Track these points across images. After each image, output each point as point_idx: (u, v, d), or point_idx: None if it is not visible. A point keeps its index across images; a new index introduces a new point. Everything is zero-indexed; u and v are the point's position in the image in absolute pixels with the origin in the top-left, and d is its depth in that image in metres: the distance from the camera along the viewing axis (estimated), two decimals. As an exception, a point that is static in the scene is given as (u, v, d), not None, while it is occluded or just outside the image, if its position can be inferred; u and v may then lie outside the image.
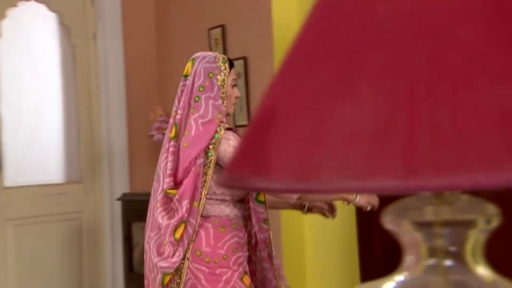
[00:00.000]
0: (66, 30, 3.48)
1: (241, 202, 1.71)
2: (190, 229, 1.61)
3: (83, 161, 3.50)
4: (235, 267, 1.64)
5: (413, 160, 0.34)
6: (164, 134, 3.17)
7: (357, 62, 0.38)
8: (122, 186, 3.48)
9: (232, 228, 1.66)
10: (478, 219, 0.45)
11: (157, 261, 1.63)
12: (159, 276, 1.64)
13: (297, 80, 0.40)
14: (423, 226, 0.45)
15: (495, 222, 0.45)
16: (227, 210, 1.66)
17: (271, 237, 1.70)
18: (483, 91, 0.35)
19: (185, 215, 1.59)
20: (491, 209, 0.45)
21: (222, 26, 3.09)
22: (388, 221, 0.46)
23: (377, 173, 0.34)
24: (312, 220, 2.34)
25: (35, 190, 3.31)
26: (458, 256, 0.45)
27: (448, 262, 0.45)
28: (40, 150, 3.44)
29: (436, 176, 0.34)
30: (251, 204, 1.68)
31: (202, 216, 1.62)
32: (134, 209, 3.16)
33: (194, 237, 1.62)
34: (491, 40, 0.37)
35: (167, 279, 1.64)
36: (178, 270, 1.62)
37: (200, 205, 1.61)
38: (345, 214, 2.26)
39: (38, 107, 3.48)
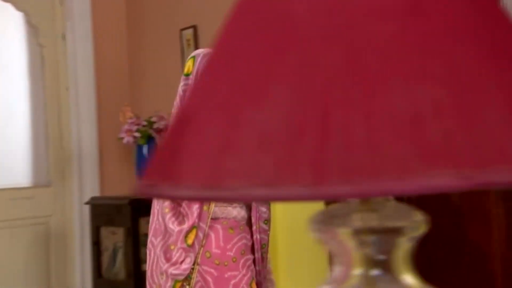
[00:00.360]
0: (34, 30, 3.41)
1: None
2: (200, 234, 1.59)
3: (51, 164, 3.44)
4: (244, 271, 1.61)
5: (323, 167, 0.33)
6: (134, 137, 3.14)
7: (272, 64, 0.37)
8: (92, 190, 3.43)
9: (240, 230, 1.63)
10: (406, 226, 0.44)
11: (167, 267, 1.60)
12: (169, 283, 1.61)
13: (214, 82, 0.38)
14: (350, 234, 0.44)
15: (422, 230, 0.44)
16: (235, 212, 1.63)
17: (269, 239, 1.67)
18: (397, 95, 0.34)
19: (196, 220, 1.57)
20: (419, 216, 0.44)
21: (194, 27, 3.06)
22: (315, 229, 0.44)
23: (286, 181, 0.33)
24: (283, 216, 2.33)
25: (2, 194, 3.23)
26: (386, 265, 0.44)
27: (375, 272, 0.44)
28: (7, 153, 3.36)
29: (344, 184, 0.32)
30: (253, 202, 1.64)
31: (211, 218, 1.60)
32: (103, 213, 3.11)
33: (204, 241, 1.60)
34: (406, 42, 0.36)
35: (178, 285, 1.62)
36: (187, 275, 1.60)
37: (210, 209, 1.58)
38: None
39: (4, 108, 3.40)
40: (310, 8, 0.37)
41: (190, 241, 1.55)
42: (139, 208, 2.88)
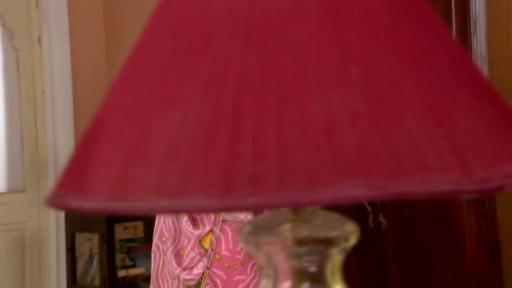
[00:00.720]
0: (9, 33, 3.36)
1: None
2: (213, 238, 1.58)
3: (26, 169, 3.38)
4: (251, 275, 1.60)
5: (232, 177, 0.31)
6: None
7: (186, 66, 0.35)
8: (67, 195, 3.38)
9: None
10: (338, 237, 0.42)
11: (179, 272, 1.58)
12: None
13: (129, 85, 0.37)
14: (279, 245, 0.42)
15: (354, 240, 0.42)
16: (242, 215, 1.61)
17: None
18: (311, 101, 0.32)
19: (212, 224, 1.56)
20: (350, 226, 0.42)
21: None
22: (243, 241, 0.42)
23: (193, 191, 0.31)
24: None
25: (-25, 199, 3.18)
26: (317, 277, 0.42)
27: (306, 285, 0.42)
28: (-19, 158, 3.31)
29: (253, 195, 0.30)
30: None
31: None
32: (78, 219, 3.06)
33: (215, 244, 1.59)
34: (323, 44, 0.34)
35: None
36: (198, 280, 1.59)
37: (221, 213, 1.57)
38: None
39: (-22, 112, 3.35)
40: (228, 9, 0.35)
41: (206, 245, 1.56)
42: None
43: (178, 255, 1.59)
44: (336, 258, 0.42)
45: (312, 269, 0.42)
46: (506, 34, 1.74)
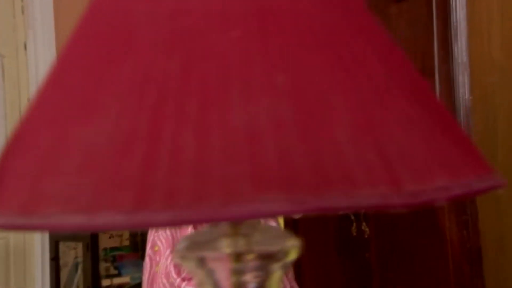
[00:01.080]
0: (-7, 40, 3.33)
1: None
2: None
3: (11, 177, 3.34)
4: None
5: (145, 192, 0.29)
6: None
7: (106, 74, 0.33)
8: (53, 203, 3.34)
9: None
10: (278, 251, 0.40)
11: (179, 283, 1.54)
12: None
13: (48, 96, 0.35)
14: (220, 261, 0.40)
15: (294, 255, 0.40)
16: None
17: None
18: (234, 110, 0.31)
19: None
20: (292, 240, 0.41)
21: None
22: (180, 257, 0.40)
23: (105, 207, 0.29)
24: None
25: (-42, 207, 3.12)
26: (257, 294, 0.40)
27: (245, 302, 0.40)
28: (-35, 165, 3.26)
29: (166, 210, 0.28)
30: None
31: None
32: (62, 227, 3.01)
33: None
34: (249, 51, 0.32)
35: None
36: None
37: None
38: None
39: (-39, 120, 3.30)
40: (151, 13, 0.34)
41: None
42: (99, 222, 2.80)
43: (177, 265, 1.56)
44: (277, 274, 0.41)
45: (253, 285, 0.40)
46: (487, 41, 1.74)
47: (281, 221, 1.93)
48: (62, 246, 3.10)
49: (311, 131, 0.30)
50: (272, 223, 1.54)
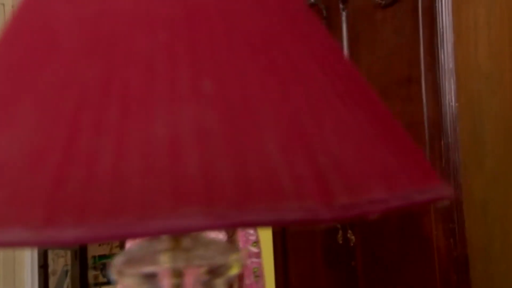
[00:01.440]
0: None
1: None
2: None
3: (1, 184, 3.31)
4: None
5: (56, 206, 0.27)
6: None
7: (27, 79, 0.31)
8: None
9: None
10: (221, 266, 0.38)
11: None
12: None
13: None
14: (157, 276, 0.38)
15: (237, 269, 0.38)
16: (213, 234, 1.53)
17: (262, 261, 1.56)
18: (158, 118, 0.29)
19: None
20: (234, 254, 0.39)
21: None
22: (117, 273, 0.38)
23: (14, 222, 0.27)
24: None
25: None
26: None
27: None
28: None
29: (77, 226, 0.27)
30: None
31: None
32: (51, 235, 2.98)
33: None
34: (175, 55, 0.31)
35: None
36: None
37: None
38: (262, 242, 2.20)
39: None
40: (75, 15, 0.32)
41: None
42: (87, 230, 2.77)
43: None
44: (219, 289, 0.39)
45: (194, 302, 0.38)
46: (474, 48, 1.73)
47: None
48: (51, 254, 3.07)
49: (238, 142, 0.29)
50: (220, 235, 1.49)
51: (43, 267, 3.07)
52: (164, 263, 0.38)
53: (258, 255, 1.59)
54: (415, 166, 0.33)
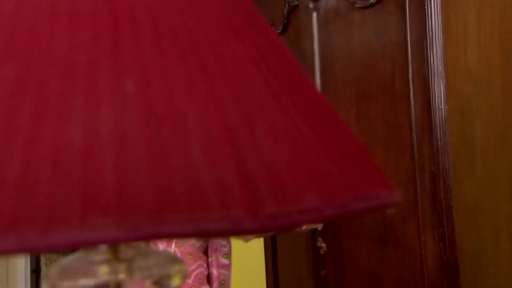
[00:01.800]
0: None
1: None
2: None
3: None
4: None
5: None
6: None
7: None
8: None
9: (198, 257, 1.53)
10: (162, 278, 0.36)
11: None
12: None
13: None
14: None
15: (179, 280, 0.36)
16: (192, 240, 1.53)
17: (230, 275, 1.56)
18: (73, 121, 0.27)
19: (166, 245, 1.49)
20: (176, 265, 0.37)
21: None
22: (50, 285, 0.36)
23: None
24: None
25: None
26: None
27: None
28: None
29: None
30: None
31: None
32: (42, 240, 2.97)
33: None
34: (97, 55, 0.29)
35: None
36: None
37: None
38: (253, 247, 2.18)
39: None
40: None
41: None
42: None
43: None
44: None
45: (135, 315, 0.36)
46: (463, 51, 1.71)
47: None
48: (43, 258, 3.05)
49: (158, 147, 0.27)
50: (160, 246, 1.49)
51: (36, 271, 3.05)
52: (102, 275, 0.36)
53: (228, 267, 1.58)
54: (359, 173, 0.30)
